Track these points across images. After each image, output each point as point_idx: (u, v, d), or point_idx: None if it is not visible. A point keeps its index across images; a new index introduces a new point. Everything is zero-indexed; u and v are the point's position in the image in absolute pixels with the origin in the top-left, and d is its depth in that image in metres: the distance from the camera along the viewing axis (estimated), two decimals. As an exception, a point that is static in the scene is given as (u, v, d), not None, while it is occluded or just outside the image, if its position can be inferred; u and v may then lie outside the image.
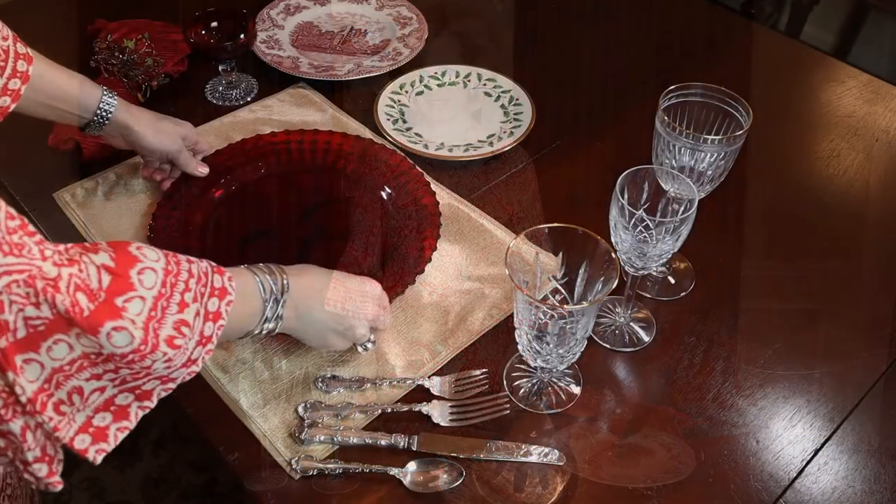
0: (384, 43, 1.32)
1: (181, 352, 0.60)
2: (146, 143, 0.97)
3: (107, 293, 0.55)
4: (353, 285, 0.80)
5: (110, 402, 0.60)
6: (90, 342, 0.55)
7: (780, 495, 0.78)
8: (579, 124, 1.19)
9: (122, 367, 0.58)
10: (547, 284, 0.82)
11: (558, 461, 0.78)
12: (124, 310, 0.56)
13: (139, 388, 0.60)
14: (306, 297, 0.76)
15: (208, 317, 0.63)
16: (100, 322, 0.54)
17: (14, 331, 0.52)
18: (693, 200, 0.78)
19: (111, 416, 0.60)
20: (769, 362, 0.88)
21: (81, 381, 0.57)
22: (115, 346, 0.55)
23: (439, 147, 1.12)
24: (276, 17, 1.35)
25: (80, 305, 0.53)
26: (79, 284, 0.54)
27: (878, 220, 1.06)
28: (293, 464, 0.77)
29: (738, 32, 1.41)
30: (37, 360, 0.53)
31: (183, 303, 0.61)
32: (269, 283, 0.72)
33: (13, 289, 0.51)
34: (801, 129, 1.21)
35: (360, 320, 0.80)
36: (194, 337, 0.62)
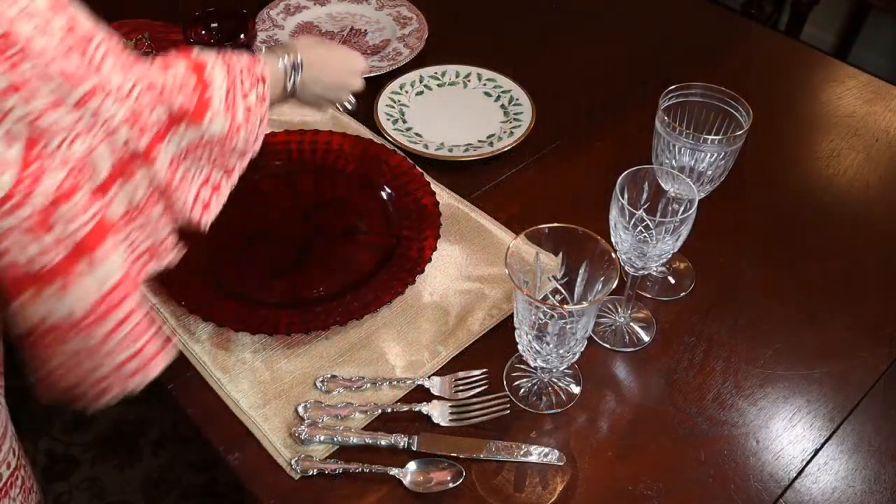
0: (384, 43, 1.32)
1: (251, 128, 0.76)
2: None
3: (198, 94, 0.69)
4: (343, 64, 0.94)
5: (207, 180, 0.74)
6: (195, 132, 0.70)
7: (780, 495, 0.78)
8: (579, 124, 1.19)
9: (215, 149, 0.73)
10: (547, 284, 0.82)
11: (558, 461, 0.78)
12: (213, 102, 0.71)
13: (226, 164, 0.76)
14: (311, 74, 0.90)
15: (263, 99, 0.78)
16: (201, 115, 0.69)
17: (148, 129, 0.65)
18: (693, 200, 0.78)
19: (210, 189, 0.75)
20: (769, 362, 0.89)
21: (192, 160, 0.71)
22: (213, 133, 0.71)
23: (439, 147, 1.12)
24: (276, 18, 1.35)
25: (186, 105, 0.68)
26: (182, 86, 0.68)
27: (878, 220, 1.06)
28: (293, 464, 0.77)
29: (738, 32, 1.41)
30: (166, 149, 0.67)
31: (245, 92, 0.75)
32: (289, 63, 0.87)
33: (143, 97, 0.64)
34: (801, 129, 1.21)
35: (344, 93, 0.95)
36: (257, 117, 0.77)
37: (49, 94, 0.56)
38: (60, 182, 0.58)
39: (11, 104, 0.55)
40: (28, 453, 0.90)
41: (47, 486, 1.63)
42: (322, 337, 0.89)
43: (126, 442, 1.71)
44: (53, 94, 0.57)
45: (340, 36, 1.33)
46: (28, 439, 1.69)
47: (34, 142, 0.57)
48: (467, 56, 1.28)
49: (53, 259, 0.59)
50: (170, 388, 0.84)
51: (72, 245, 0.59)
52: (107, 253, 0.61)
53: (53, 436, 1.72)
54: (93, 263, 0.60)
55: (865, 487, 0.79)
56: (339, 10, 1.39)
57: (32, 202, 0.57)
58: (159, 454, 1.69)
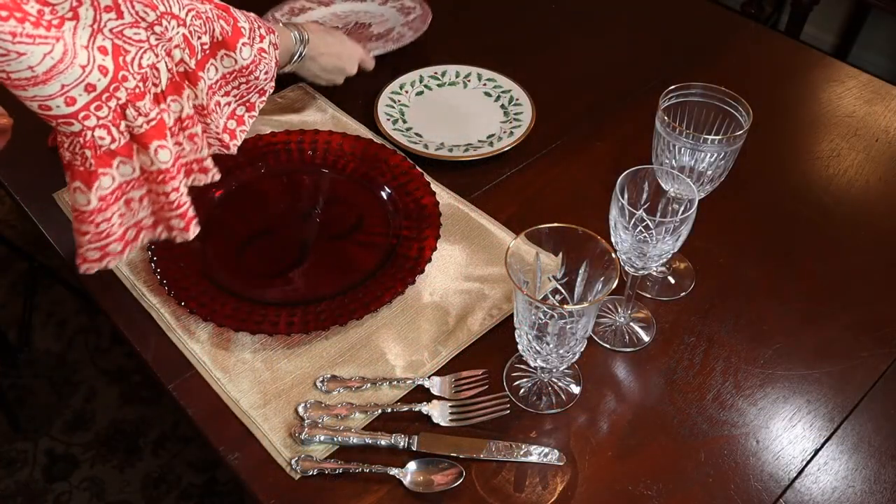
0: (388, 31, 1.33)
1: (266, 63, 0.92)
2: None
3: (231, 24, 0.86)
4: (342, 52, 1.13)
5: (233, 113, 0.92)
6: (229, 61, 0.87)
7: (780, 495, 0.78)
8: (579, 124, 1.19)
9: (241, 81, 0.90)
10: (547, 284, 0.82)
11: (558, 461, 0.78)
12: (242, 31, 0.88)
13: (248, 100, 0.93)
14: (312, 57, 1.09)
15: (276, 46, 0.93)
16: (234, 43, 0.86)
17: (196, 52, 0.82)
18: (693, 200, 0.78)
19: (235, 121, 0.92)
20: (769, 362, 0.89)
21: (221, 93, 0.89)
22: (243, 58, 0.88)
23: (439, 147, 1.12)
24: (280, 19, 1.35)
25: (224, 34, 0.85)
26: (217, 16, 0.85)
27: (878, 220, 1.06)
28: (293, 464, 0.77)
29: (738, 32, 1.41)
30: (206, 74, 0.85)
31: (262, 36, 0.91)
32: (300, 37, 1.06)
33: (194, 22, 0.81)
34: (801, 129, 1.21)
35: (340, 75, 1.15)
36: (272, 58, 0.92)
37: (132, 16, 0.74)
38: (134, 86, 0.76)
39: (107, 19, 0.73)
40: (28, 453, 0.90)
41: (47, 485, 1.63)
42: (322, 337, 0.89)
43: (126, 442, 1.71)
44: (134, 15, 0.75)
45: (345, 29, 1.34)
46: (28, 439, 1.69)
47: (119, 52, 0.74)
48: (467, 56, 1.28)
49: (122, 142, 0.78)
50: (170, 388, 0.84)
51: (136, 135, 0.78)
52: (158, 148, 0.79)
53: (53, 436, 1.72)
54: (148, 153, 0.79)
55: (865, 487, 0.79)
56: (343, 9, 1.40)
57: (117, 96, 0.75)
58: (159, 454, 1.69)
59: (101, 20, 0.73)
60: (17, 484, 1.61)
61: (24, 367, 1.85)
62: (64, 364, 1.87)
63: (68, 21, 0.71)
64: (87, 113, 0.74)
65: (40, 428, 1.72)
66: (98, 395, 1.81)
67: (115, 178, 0.78)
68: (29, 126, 0.96)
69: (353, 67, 1.15)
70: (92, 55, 0.72)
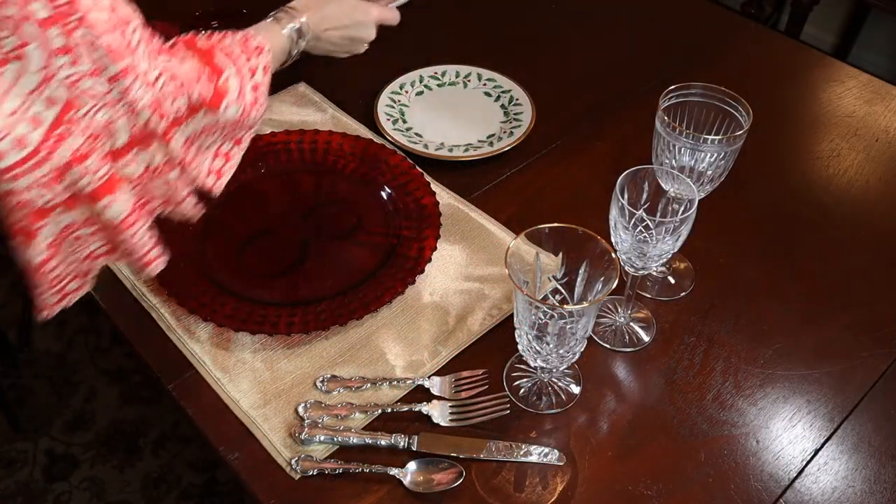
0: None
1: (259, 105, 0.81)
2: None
3: (214, 84, 0.74)
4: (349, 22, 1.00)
5: (218, 151, 0.80)
6: (212, 118, 0.75)
7: (780, 495, 0.78)
8: (579, 124, 1.19)
9: (227, 128, 0.79)
10: (547, 284, 0.82)
11: (558, 461, 0.78)
12: (227, 90, 0.76)
13: (235, 136, 0.82)
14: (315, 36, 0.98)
15: (266, 70, 0.83)
16: (218, 103, 0.75)
17: (168, 116, 0.71)
18: (693, 200, 0.78)
19: (223, 159, 0.81)
20: (769, 362, 0.89)
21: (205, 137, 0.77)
22: (228, 118, 0.77)
23: (439, 147, 1.12)
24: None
25: (202, 95, 0.73)
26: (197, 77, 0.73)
27: (878, 220, 1.06)
28: (293, 464, 0.77)
29: (738, 32, 1.41)
30: (182, 132, 0.73)
31: (252, 68, 0.80)
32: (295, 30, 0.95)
33: (167, 86, 0.70)
34: (801, 129, 1.21)
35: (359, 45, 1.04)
36: (264, 94, 0.81)
37: (91, 63, 0.63)
38: (78, 146, 0.65)
39: (61, 63, 0.62)
40: (28, 453, 0.90)
41: (47, 485, 1.63)
42: (322, 337, 0.89)
43: (126, 442, 1.71)
44: (95, 63, 0.64)
45: None
46: (28, 439, 1.69)
47: (69, 106, 0.64)
48: (467, 56, 1.28)
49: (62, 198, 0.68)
50: (170, 388, 0.84)
51: (80, 194, 0.68)
52: (110, 203, 0.70)
53: (53, 436, 1.72)
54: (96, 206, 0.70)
55: (865, 487, 0.79)
56: None
57: (51, 162, 0.64)
58: (159, 454, 1.69)
59: (52, 65, 0.62)
60: (17, 484, 1.61)
61: (24, 367, 1.85)
62: (64, 364, 1.87)
63: (12, 63, 0.61)
64: (17, 172, 0.63)
65: (40, 428, 1.72)
66: (98, 395, 1.81)
67: (60, 223, 0.70)
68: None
69: (370, 32, 1.03)
70: (28, 106, 0.62)
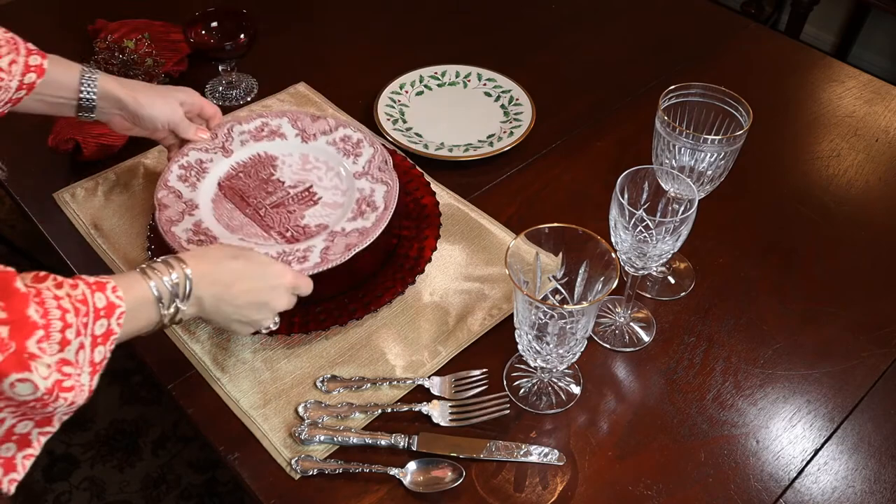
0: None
1: (77, 391, 0.58)
2: (144, 113, 0.90)
3: (16, 343, 0.54)
4: (264, 279, 0.76)
5: (10, 433, 0.58)
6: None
7: (780, 495, 0.78)
8: (579, 124, 1.19)
9: (24, 406, 0.56)
10: (547, 284, 0.82)
11: (558, 461, 0.78)
12: (37, 357, 0.55)
13: (39, 415, 0.59)
14: (214, 294, 0.72)
15: (97, 342, 0.60)
16: (5, 373, 0.53)
17: None
18: (693, 200, 0.78)
19: (15, 445, 0.59)
20: (769, 362, 0.89)
21: None
22: (17, 394, 0.54)
23: (439, 147, 1.12)
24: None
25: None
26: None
27: (878, 220, 1.06)
28: (293, 464, 0.77)
29: (738, 32, 1.41)
30: None
31: (64, 340, 0.58)
32: (167, 286, 0.67)
33: None
34: (801, 129, 1.21)
35: (266, 313, 0.77)
36: (85, 370, 0.59)
37: None
38: None
39: None
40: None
41: (47, 485, 1.63)
42: (322, 337, 0.89)
43: (126, 442, 1.71)
44: None
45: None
46: (28, 439, 1.69)
47: None
48: (467, 56, 1.28)
49: None
50: (170, 388, 0.84)
51: None
52: None
53: (53, 436, 1.71)
54: None
55: (865, 487, 0.79)
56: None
57: None
58: (159, 454, 1.69)
59: None
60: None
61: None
62: (64, 364, 1.87)
63: None
64: None
65: (40, 428, 1.72)
66: (98, 395, 1.80)
67: None
68: (28, 126, 0.96)
69: (282, 300, 0.78)
70: None
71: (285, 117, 1.04)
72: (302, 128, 1.03)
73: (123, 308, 0.63)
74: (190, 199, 0.94)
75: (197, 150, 0.99)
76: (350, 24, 1.41)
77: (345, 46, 1.34)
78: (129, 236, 0.99)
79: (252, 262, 0.76)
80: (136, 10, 1.32)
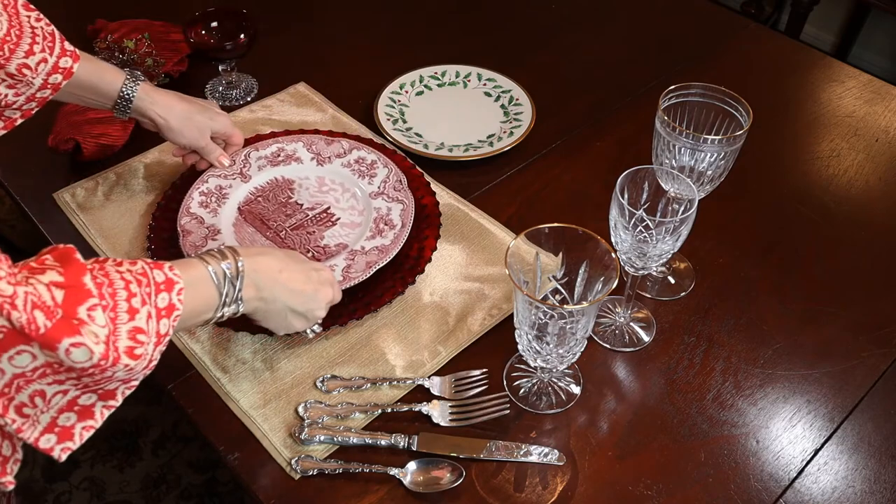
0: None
1: (142, 359, 0.60)
2: (171, 137, 0.97)
3: (64, 308, 0.55)
4: (308, 268, 0.79)
5: (73, 403, 0.60)
6: (52, 355, 0.54)
7: (780, 495, 0.78)
8: (579, 124, 1.19)
9: (84, 376, 0.57)
10: (547, 284, 0.82)
11: (558, 461, 0.78)
12: (85, 323, 0.55)
13: (102, 388, 0.60)
14: (267, 279, 0.74)
15: (161, 314, 0.62)
16: (57, 339, 0.54)
17: None
18: (693, 200, 0.78)
19: (76, 415, 0.61)
20: (769, 362, 0.89)
21: (44, 385, 0.57)
22: (74, 361, 0.55)
23: (439, 147, 1.12)
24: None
25: (37, 323, 0.53)
26: (35, 302, 0.53)
27: (878, 220, 1.06)
28: (293, 464, 0.77)
29: (738, 32, 1.41)
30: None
31: (132, 308, 0.59)
32: (222, 267, 0.70)
33: None
34: (801, 129, 1.21)
35: (319, 302, 0.80)
36: (152, 339, 0.61)
37: None
38: None
39: None
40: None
41: (47, 485, 1.63)
42: (322, 337, 0.89)
43: (126, 442, 1.71)
44: None
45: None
46: (28, 439, 1.69)
47: None
48: (467, 56, 1.28)
49: None
50: (170, 388, 0.84)
51: None
52: None
53: (53, 436, 1.71)
54: None
55: (865, 487, 0.79)
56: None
57: None
58: (159, 454, 1.69)
59: None
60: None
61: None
62: (64, 364, 1.87)
63: None
64: None
65: (40, 428, 1.72)
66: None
67: None
68: (29, 127, 0.96)
69: (321, 310, 0.81)
70: None
71: (300, 142, 1.07)
72: (317, 151, 1.06)
73: (182, 284, 0.64)
74: (212, 225, 0.96)
75: (216, 176, 1.02)
76: (350, 24, 1.41)
77: (345, 46, 1.34)
78: (129, 236, 0.99)
79: (293, 254, 0.80)
80: (136, 10, 1.32)
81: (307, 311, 0.79)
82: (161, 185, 1.06)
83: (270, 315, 0.77)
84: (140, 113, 0.94)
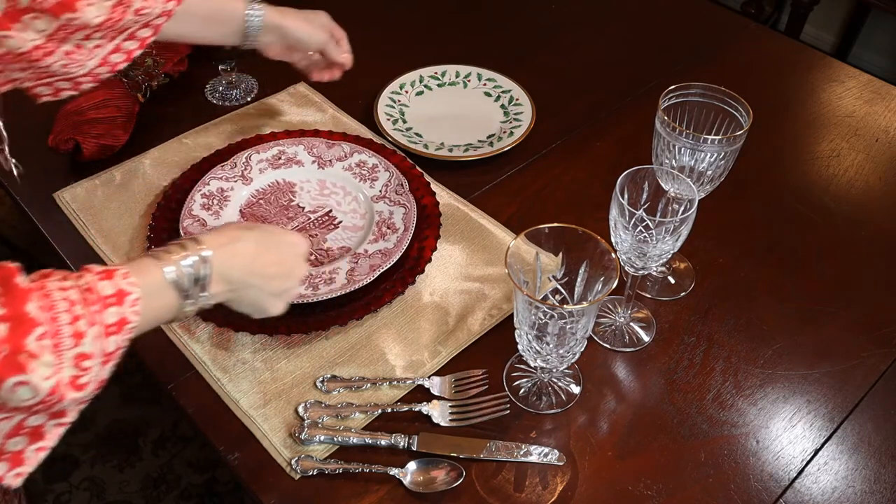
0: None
1: (88, 387, 0.56)
2: (302, 37, 1.00)
3: (11, 344, 0.51)
4: (284, 246, 0.74)
5: (20, 427, 0.56)
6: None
7: (780, 495, 0.78)
8: (579, 124, 1.19)
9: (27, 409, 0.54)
10: (547, 284, 0.82)
11: (558, 461, 0.78)
12: (35, 356, 0.52)
13: (52, 408, 0.56)
14: (241, 270, 0.69)
15: (110, 331, 0.57)
16: (2, 377, 0.50)
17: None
18: (693, 200, 0.78)
19: (26, 438, 0.57)
20: (769, 362, 0.89)
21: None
22: (20, 399, 0.52)
23: (439, 147, 1.12)
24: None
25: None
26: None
27: (878, 220, 1.06)
28: (293, 464, 0.77)
29: (738, 32, 1.41)
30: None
31: (77, 333, 0.54)
32: (183, 267, 0.64)
33: None
34: (801, 129, 1.21)
35: (295, 280, 0.75)
36: (97, 361, 0.56)
37: None
38: None
39: None
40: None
41: (47, 486, 1.63)
42: (322, 337, 0.89)
43: (126, 442, 1.71)
44: None
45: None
46: (28, 439, 1.69)
47: None
48: (467, 56, 1.28)
49: None
50: (170, 388, 0.84)
51: None
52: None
53: (53, 436, 1.71)
54: None
55: (865, 487, 0.79)
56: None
57: None
58: (159, 454, 1.69)
59: None
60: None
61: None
62: (64, 364, 1.86)
63: None
64: None
65: (40, 428, 1.72)
66: (98, 394, 1.81)
67: None
68: (29, 127, 0.96)
69: (295, 289, 0.76)
70: None
71: (301, 145, 1.07)
72: (318, 154, 1.06)
73: (137, 294, 0.59)
74: (214, 227, 0.96)
75: (217, 178, 1.02)
76: (350, 24, 1.41)
77: (345, 46, 1.34)
78: (129, 236, 0.99)
79: (268, 232, 0.74)
80: (136, 10, 1.32)
81: (283, 291, 0.74)
82: (161, 185, 1.06)
83: (244, 302, 0.72)
84: (270, 28, 0.96)
